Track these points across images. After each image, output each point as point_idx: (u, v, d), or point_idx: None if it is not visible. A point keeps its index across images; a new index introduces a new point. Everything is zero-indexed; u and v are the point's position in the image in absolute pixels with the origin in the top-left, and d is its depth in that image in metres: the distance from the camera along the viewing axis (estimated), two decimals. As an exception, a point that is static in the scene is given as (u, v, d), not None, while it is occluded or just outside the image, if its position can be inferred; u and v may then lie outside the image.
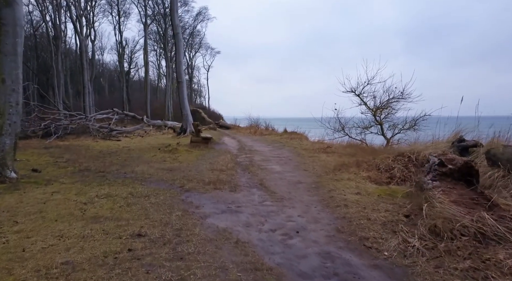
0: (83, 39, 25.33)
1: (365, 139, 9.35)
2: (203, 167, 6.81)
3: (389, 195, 4.08)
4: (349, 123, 9.31)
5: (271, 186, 4.94)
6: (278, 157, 8.33)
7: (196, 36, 38.63)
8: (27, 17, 34.62)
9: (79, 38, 25.22)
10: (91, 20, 32.44)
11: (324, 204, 3.92)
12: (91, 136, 14.37)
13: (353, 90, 8.63)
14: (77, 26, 24.93)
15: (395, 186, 4.59)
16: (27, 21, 35.57)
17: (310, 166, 6.62)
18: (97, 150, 10.36)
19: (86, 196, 4.28)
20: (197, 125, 10.88)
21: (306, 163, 7.10)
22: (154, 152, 9.43)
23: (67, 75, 33.36)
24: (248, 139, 14.13)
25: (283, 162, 7.47)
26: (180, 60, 14.34)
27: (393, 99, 8.08)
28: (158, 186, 4.99)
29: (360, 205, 3.72)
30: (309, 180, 5.30)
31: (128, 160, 8.11)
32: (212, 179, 5.42)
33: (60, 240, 2.78)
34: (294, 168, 6.58)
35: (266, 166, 6.84)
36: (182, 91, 14.48)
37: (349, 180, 4.96)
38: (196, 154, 8.98)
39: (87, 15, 31.79)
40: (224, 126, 23.99)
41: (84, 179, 5.52)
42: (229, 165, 6.85)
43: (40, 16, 30.73)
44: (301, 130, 15.05)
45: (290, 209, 3.78)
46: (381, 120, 8.72)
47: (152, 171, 6.29)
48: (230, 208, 3.83)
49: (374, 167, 5.34)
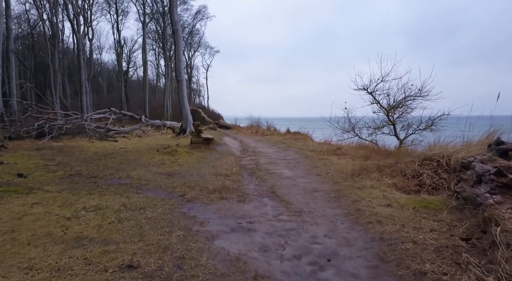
0: (80, 37, 24.58)
1: (376, 141, 8.74)
2: (205, 171, 6.16)
3: (426, 208, 3.46)
4: (359, 123, 8.68)
5: (285, 195, 4.30)
6: (285, 160, 7.70)
7: (195, 35, 37.91)
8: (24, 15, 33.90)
9: (76, 36, 24.47)
10: (88, 19, 31.69)
11: (352, 219, 3.28)
12: (87, 136, 13.68)
13: (365, 88, 8.01)
14: (74, 25, 24.18)
15: (428, 196, 3.96)
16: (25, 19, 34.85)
17: (323, 170, 5.98)
18: (92, 152, 9.69)
19: (72, 209, 3.62)
20: (197, 126, 10.23)
21: (318, 166, 6.46)
22: (152, 154, 8.77)
23: (64, 74, 32.58)
24: (250, 140, 13.49)
25: (291, 165, 6.84)
26: (179, 58, 13.67)
27: (409, 97, 7.46)
28: (156, 194, 4.34)
29: (397, 221, 3.09)
30: (326, 187, 4.67)
31: (124, 162, 7.45)
32: (216, 186, 4.78)
33: (27, 275, 2.13)
34: (306, 172, 5.94)
35: (274, 170, 6.19)
36: (181, 90, 13.81)
37: (373, 188, 4.33)
38: (197, 156, 8.33)
39: (85, 13, 31.05)
40: (224, 126, 23.34)
41: (72, 186, 4.86)
42: (233, 169, 6.20)
43: (37, 14, 29.90)
44: (305, 130, 14.44)
45: (313, 225, 3.14)
46: (394, 120, 8.11)
47: (150, 176, 5.63)
48: (241, 225, 3.19)
49: (398, 172, 4.71)
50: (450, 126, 7.46)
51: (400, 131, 8.36)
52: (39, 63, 35.92)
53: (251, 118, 19.70)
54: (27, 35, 37.30)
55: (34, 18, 34.25)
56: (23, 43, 38.91)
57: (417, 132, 7.95)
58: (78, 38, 24.30)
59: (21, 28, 38.26)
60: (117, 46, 33.16)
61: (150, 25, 33.86)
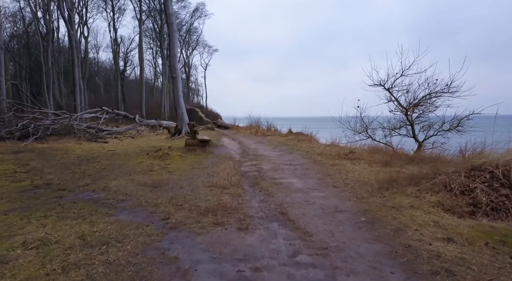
0: (74, 34, 23.38)
1: (391, 143, 7.70)
2: (198, 180, 5.09)
3: (503, 244, 2.42)
4: (372, 124, 7.63)
5: (299, 218, 3.24)
6: (291, 165, 6.64)
7: (193, 34, 36.72)
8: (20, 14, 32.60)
9: (70, 33, 23.25)
10: (84, 16, 30.48)
11: (404, 264, 2.23)
12: (75, 137, 12.57)
13: (382, 84, 6.95)
14: (67, 21, 22.98)
15: (493, 222, 2.92)
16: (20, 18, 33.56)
17: (339, 180, 4.93)
18: (76, 155, 8.60)
19: (5, 245, 2.55)
20: (193, 126, 9.15)
21: (332, 174, 5.41)
22: (141, 158, 7.69)
23: (60, 73, 31.37)
24: (250, 141, 12.42)
25: (300, 172, 5.78)
26: (174, 53, 12.55)
27: (434, 94, 6.41)
28: (132, 217, 3.27)
29: (477, 272, 2.04)
30: (351, 206, 3.61)
31: (107, 169, 6.37)
32: (211, 203, 3.72)
33: None
34: (319, 182, 4.88)
35: (281, 179, 5.13)
36: (176, 87, 12.72)
37: (413, 208, 3.28)
38: (191, 161, 7.26)
39: (80, 10, 29.84)
40: (223, 126, 22.26)
41: (28, 204, 3.78)
42: (232, 178, 5.14)
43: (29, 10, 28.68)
44: (308, 130, 13.37)
45: (350, 277, 2.09)
46: (412, 120, 7.06)
47: (131, 188, 4.56)
48: (243, 274, 2.13)
49: (441, 186, 3.66)
50: (475, 127, 6.44)
51: (419, 133, 7.32)
52: (34, 62, 34.71)
53: (251, 118, 18.60)
54: (22, 34, 36.06)
55: (30, 17, 32.98)
56: (19, 42, 37.68)
57: (439, 134, 6.91)
58: (72, 35, 23.10)
59: (17, 27, 36.99)
60: (113, 45, 31.99)
61: (147, 23, 32.70)
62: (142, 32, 28.66)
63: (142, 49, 27.72)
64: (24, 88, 33.64)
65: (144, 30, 33.37)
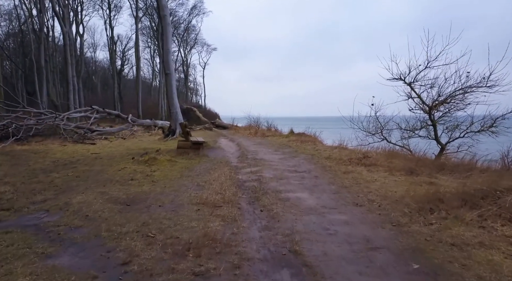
0: (67, 31, 22.24)
1: (409, 146, 6.67)
2: (185, 195, 4.04)
3: None
4: (388, 124, 6.59)
5: (319, 262, 2.19)
6: (296, 172, 5.60)
7: (191, 32, 35.58)
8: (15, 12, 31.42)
9: (63, 30, 22.13)
10: (79, 14, 29.34)
11: None
12: (61, 138, 11.49)
13: (403, 78, 5.91)
14: (60, 17, 21.86)
15: None
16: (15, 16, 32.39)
17: (359, 194, 3.88)
18: (53, 159, 7.53)
19: None
20: (185, 126, 8.10)
21: (348, 185, 4.37)
22: (124, 163, 6.63)
23: (56, 72, 30.25)
24: (249, 142, 11.36)
25: (308, 182, 4.74)
26: (168, 48, 11.47)
27: (467, 88, 5.36)
28: (77, 260, 2.22)
29: None
30: (387, 238, 2.56)
31: (81, 177, 5.32)
32: (195, 233, 2.67)
33: None
34: (335, 197, 3.83)
35: (287, 193, 4.08)
36: (170, 84, 11.64)
37: (484, 247, 2.24)
38: (181, 167, 6.21)
39: (76, 8, 28.69)
40: (221, 126, 21.20)
41: None
42: (227, 191, 4.09)
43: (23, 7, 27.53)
44: (310, 131, 12.29)
45: None
46: (435, 120, 6.03)
47: (96, 207, 3.51)
48: None
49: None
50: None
51: (441, 134, 6.29)
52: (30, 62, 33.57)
53: (250, 118, 17.50)
54: (18, 32, 34.91)
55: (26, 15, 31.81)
56: (15, 41, 36.52)
57: (467, 136, 5.88)
58: (65, 32, 21.98)
59: (12, 25, 35.88)
60: (110, 43, 30.82)
61: (144, 22, 31.59)
62: (138, 30, 27.54)
63: (139, 47, 26.60)
64: (20, 88, 32.58)
65: (142, 28, 32.28)
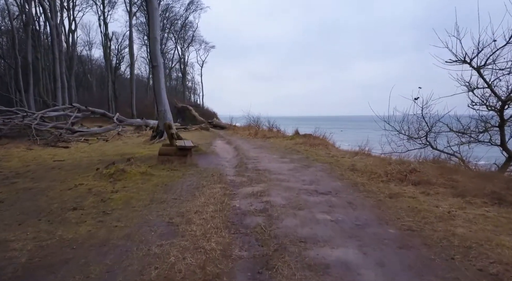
0: (54, 25, 20.37)
1: (460, 154, 4.91)
2: (141, 250, 2.23)
3: None
4: (436, 125, 4.81)
5: None
6: (317, 193, 3.83)
7: (188, 29, 33.68)
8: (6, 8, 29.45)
9: (50, 24, 20.30)
10: (71, 9, 27.43)
11: None
12: (30, 140, 9.69)
13: (468, 60, 4.13)
14: (46, 10, 20.00)
15: None
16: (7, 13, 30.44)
17: (438, 247, 2.10)
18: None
19: None
20: (169, 127, 6.29)
21: (415, 227, 2.58)
22: (84, 176, 4.84)
23: (46, 69, 28.33)
24: (250, 145, 9.58)
25: (344, 216, 2.96)
26: (154, 36, 9.64)
27: None
28: None
29: None
30: None
31: (8, 200, 3.53)
32: None
33: None
34: (414, 264, 2.06)
35: (319, 250, 2.30)
36: (158, 79, 9.83)
37: None
38: (156, 183, 4.41)
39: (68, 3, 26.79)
40: (219, 126, 19.41)
41: None
42: (213, 243, 2.30)
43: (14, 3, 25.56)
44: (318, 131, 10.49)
45: None
46: (506, 119, 4.27)
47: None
48: None
49: None
50: None
51: (509, 139, 4.53)
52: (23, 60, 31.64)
53: (249, 117, 15.68)
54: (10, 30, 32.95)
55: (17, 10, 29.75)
56: (8, 38, 34.52)
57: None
58: (52, 26, 20.14)
59: (5, 22, 33.88)
60: (104, 40, 28.89)
61: (140, 18, 29.70)
62: (133, 25, 25.66)
63: (133, 43, 24.72)
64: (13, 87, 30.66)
65: (137, 25, 30.40)
